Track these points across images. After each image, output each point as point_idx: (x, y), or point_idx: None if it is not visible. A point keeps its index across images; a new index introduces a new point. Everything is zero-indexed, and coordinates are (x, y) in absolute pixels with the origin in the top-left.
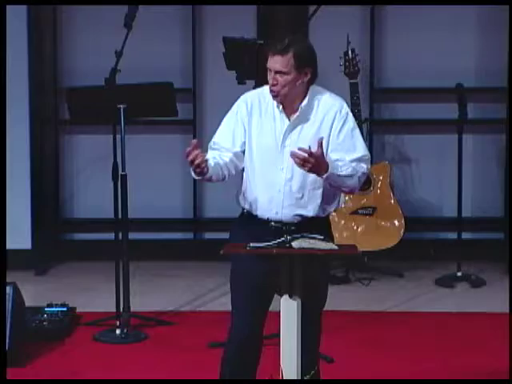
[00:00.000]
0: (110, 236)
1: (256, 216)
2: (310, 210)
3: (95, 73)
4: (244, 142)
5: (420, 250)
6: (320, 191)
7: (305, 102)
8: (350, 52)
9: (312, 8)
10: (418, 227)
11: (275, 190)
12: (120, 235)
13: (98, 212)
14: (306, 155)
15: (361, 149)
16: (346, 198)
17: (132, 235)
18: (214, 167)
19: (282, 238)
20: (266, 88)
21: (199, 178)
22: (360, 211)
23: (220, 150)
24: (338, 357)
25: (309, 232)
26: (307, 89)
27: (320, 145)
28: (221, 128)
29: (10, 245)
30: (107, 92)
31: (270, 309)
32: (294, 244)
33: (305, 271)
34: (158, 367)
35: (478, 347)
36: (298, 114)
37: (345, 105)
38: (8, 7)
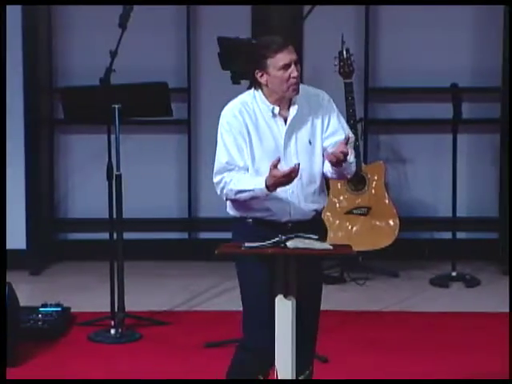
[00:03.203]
0: (105, 236)
1: (270, 221)
2: (322, 202)
3: (90, 73)
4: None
5: (415, 250)
6: (320, 182)
7: (294, 99)
8: (344, 52)
9: (307, 8)
10: (413, 227)
11: (288, 193)
12: (115, 235)
13: (92, 212)
14: (340, 156)
15: (347, 130)
16: (341, 197)
17: (127, 235)
18: None
19: (277, 238)
20: (242, 96)
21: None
22: (355, 211)
23: (235, 168)
24: (332, 356)
25: (315, 229)
26: None
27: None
28: (227, 147)
29: None
30: (102, 92)
31: None
32: (289, 244)
33: (300, 272)
34: (153, 367)
35: (473, 347)
36: (294, 112)
37: (325, 93)
38: None
